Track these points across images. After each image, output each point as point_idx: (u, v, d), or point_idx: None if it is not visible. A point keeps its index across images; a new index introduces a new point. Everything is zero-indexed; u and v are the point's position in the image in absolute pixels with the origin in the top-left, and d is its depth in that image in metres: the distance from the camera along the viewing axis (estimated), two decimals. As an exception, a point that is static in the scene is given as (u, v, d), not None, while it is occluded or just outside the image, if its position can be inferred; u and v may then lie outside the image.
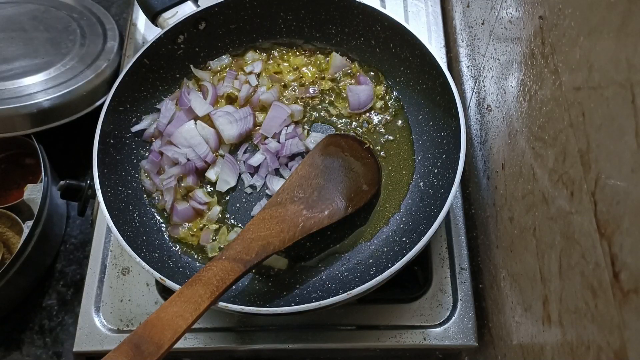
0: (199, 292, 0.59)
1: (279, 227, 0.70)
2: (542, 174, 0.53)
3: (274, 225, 0.70)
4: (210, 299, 0.58)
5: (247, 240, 0.67)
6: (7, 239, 0.90)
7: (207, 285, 0.60)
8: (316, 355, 0.79)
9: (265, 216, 0.71)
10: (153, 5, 0.88)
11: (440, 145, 0.80)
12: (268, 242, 0.68)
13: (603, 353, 0.40)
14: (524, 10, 0.58)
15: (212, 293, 0.59)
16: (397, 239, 0.76)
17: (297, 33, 0.92)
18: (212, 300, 0.59)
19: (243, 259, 0.65)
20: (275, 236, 0.69)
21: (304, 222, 0.71)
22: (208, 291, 0.59)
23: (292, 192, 0.74)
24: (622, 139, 0.36)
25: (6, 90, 0.90)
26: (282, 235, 0.69)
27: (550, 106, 0.50)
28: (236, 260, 0.64)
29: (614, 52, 0.38)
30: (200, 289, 0.59)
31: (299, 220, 0.71)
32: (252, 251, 0.66)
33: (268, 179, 0.81)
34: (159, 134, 0.85)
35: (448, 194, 0.69)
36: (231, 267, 0.63)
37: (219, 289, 0.60)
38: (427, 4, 1.02)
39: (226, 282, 0.61)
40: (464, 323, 0.75)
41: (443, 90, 0.77)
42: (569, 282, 0.46)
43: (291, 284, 0.75)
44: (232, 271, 0.63)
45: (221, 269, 0.62)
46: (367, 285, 0.64)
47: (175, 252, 0.78)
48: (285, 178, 0.79)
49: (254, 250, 0.66)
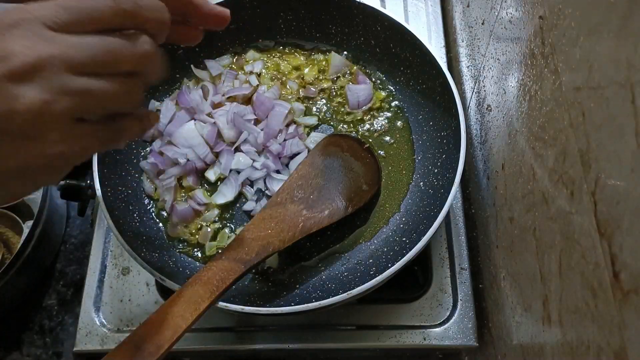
0: (199, 292, 0.58)
1: (279, 227, 0.70)
2: (542, 174, 0.53)
3: (273, 225, 0.70)
4: (210, 299, 0.58)
5: (247, 240, 0.67)
6: (7, 239, 0.90)
7: (207, 285, 0.59)
8: (316, 355, 0.79)
9: (265, 216, 0.71)
10: (153, 5, 0.88)
11: (440, 145, 0.80)
12: (268, 242, 0.68)
13: (603, 353, 0.40)
14: (524, 10, 0.58)
15: (212, 293, 0.59)
16: (397, 238, 0.76)
17: (297, 33, 0.92)
18: (212, 300, 0.59)
19: (243, 259, 0.65)
20: (275, 236, 0.69)
21: (304, 222, 0.71)
22: (208, 291, 0.59)
23: (292, 192, 0.74)
24: (622, 139, 0.36)
25: (6, 90, 0.90)
26: (282, 235, 0.69)
27: (550, 106, 0.50)
28: (236, 260, 0.64)
29: (614, 52, 0.38)
30: (200, 289, 0.59)
31: (299, 220, 0.71)
32: (252, 251, 0.66)
33: (268, 179, 0.81)
34: (159, 134, 0.84)
35: (448, 194, 0.69)
36: (231, 267, 0.63)
37: (219, 288, 0.60)
38: (427, 3, 1.02)
39: (226, 282, 0.61)
40: (464, 323, 0.75)
41: (443, 90, 0.77)
42: (569, 282, 0.46)
43: (291, 284, 0.75)
44: (232, 271, 0.63)
45: (221, 269, 0.62)
46: (367, 285, 0.64)
47: (175, 252, 0.78)
48: (285, 178, 0.79)
49: (254, 250, 0.66)
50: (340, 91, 0.89)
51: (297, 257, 0.77)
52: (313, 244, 0.77)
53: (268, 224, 0.70)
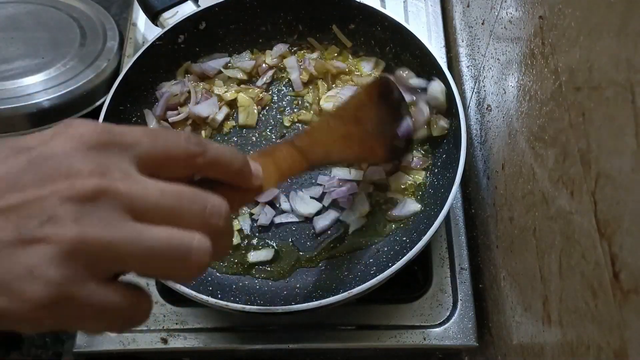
0: (270, 168, 0.51)
1: (339, 141, 0.66)
2: (542, 173, 0.53)
3: (334, 137, 0.66)
4: (278, 181, 0.53)
5: (314, 138, 0.62)
6: (7, 239, 0.90)
7: (276, 165, 0.53)
8: (316, 355, 0.79)
9: (331, 124, 0.67)
10: (153, 4, 0.88)
11: (440, 144, 0.80)
12: (329, 150, 0.64)
13: (603, 353, 0.40)
14: (524, 10, 0.58)
15: (280, 175, 0.53)
16: (397, 238, 0.76)
17: (297, 33, 0.92)
18: (279, 182, 0.54)
19: (308, 157, 0.58)
20: (334, 148, 0.65)
21: (359, 149, 0.69)
22: (278, 172, 0.53)
23: (352, 113, 0.70)
24: (622, 139, 0.36)
25: (6, 90, 0.90)
26: (339, 151, 0.66)
27: (550, 106, 0.50)
28: (302, 153, 0.58)
29: (614, 52, 0.38)
30: (271, 165, 0.52)
31: (355, 144, 0.68)
32: (317, 152, 0.61)
33: (291, 196, 0.80)
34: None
35: (448, 194, 0.69)
36: (298, 158, 0.57)
37: (284, 176, 0.55)
38: (427, 3, 1.02)
39: (292, 172, 0.56)
40: (464, 323, 0.75)
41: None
42: (569, 282, 0.46)
43: (291, 284, 0.75)
44: (298, 163, 0.57)
45: (290, 155, 0.56)
46: (368, 284, 0.64)
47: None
48: (306, 195, 0.79)
49: (319, 152, 0.61)
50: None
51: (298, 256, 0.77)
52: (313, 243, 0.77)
53: (330, 134, 0.65)
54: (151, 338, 0.75)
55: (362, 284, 0.65)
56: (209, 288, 0.73)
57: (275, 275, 0.76)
